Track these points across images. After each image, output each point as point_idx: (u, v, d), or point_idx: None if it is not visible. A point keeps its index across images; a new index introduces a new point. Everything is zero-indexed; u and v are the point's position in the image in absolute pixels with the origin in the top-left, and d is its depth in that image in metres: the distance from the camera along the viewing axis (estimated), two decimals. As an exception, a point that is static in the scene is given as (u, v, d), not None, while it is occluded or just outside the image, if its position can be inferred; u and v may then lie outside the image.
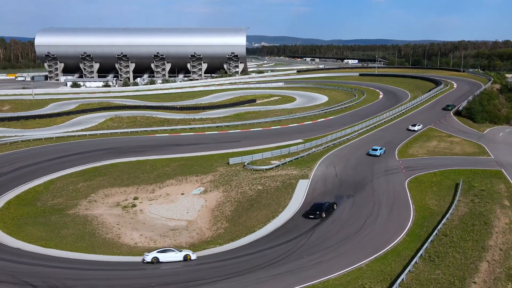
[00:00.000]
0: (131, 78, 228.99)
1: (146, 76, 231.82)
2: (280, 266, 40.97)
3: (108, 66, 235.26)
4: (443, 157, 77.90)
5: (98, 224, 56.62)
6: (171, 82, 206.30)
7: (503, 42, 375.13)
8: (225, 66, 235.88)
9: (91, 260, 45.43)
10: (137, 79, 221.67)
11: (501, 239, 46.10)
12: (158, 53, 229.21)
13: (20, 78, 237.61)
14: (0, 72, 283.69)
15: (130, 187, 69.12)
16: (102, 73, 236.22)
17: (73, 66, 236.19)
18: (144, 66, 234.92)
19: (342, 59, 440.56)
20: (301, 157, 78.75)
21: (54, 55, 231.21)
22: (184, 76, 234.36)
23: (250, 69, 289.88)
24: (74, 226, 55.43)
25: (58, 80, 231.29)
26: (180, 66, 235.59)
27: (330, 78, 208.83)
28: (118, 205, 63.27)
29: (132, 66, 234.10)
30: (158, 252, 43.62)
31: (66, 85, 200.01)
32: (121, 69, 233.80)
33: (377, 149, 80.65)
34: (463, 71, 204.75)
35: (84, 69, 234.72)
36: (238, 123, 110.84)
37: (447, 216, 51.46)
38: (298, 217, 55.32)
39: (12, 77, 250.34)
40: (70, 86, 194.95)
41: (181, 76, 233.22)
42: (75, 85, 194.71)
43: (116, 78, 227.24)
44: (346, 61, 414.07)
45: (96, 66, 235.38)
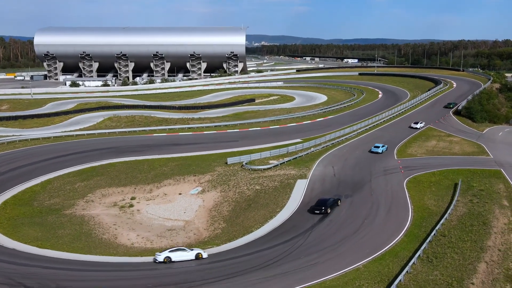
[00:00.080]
0: (130, 78, 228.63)
1: (145, 75, 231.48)
2: (276, 267, 40.66)
3: (107, 66, 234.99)
4: (442, 156, 77.61)
5: (95, 224, 56.33)
6: (170, 82, 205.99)
7: (503, 42, 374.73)
8: (224, 65, 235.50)
9: (87, 260, 45.15)
10: (136, 79, 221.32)
11: (499, 240, 45.79)
12: (157, 52, 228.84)
13: (19, 78, 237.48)
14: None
15: (127, 187, 68.81)
16: (102, 72, 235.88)
17: (72, 65, 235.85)
18: (143, 66, 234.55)
19: (342, 59, 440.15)
20: (299, 156, 78.40)
21: (53, 55, 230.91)
22: (183, 75, 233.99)
23: (249, 68, 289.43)
24: (70, 227, 55.17)
25: (57, 79, 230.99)
26: (179, 65, 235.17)
27: (329, 77, 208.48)
28: (115, 205, 62.99)
29: (131, 65, 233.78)
30: (170, 251, 43.59)
31: (65, 84, 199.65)
32: (120, 68, 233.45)
33: (379, 146, 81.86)
34: (463, 71, 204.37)
35: (83, 68, 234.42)
36: (236, 123, 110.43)
37: (446, 216, 51.14)
38: (296, 217, 55.05)
39: (11, 76, 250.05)
40: (69, 85, 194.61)
41: (180, 75, 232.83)
42: (74, 84, 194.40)
43: (115, 78, 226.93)
44: (346, 60, 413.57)
45: (95, 65, 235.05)
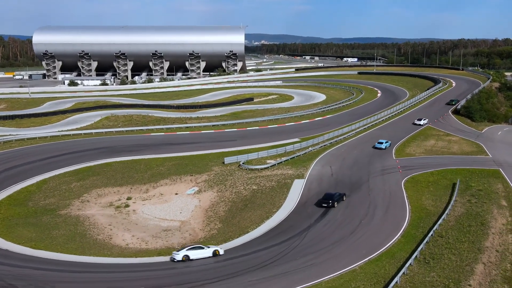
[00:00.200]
0: (129, 77, 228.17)
1: (144, 74, 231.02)
2: (271, 268, 40.20)
3: (106, 65, 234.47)
4: (441, 156, 77.18)
5: (90, 224, 55.84)
6: (169, 81, 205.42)
7: (503, 40, 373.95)
8: (223, 64, 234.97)
9: (81, 262, 44.77)
10: (135, 78, 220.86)
11: (497, 240, 45.34)
12: (156, 51, 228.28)
13: (18, 77, 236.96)
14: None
15: (123, 187, 68.30)
16: (100, 71, 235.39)
17: (71, 64, 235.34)
18: (142, 65, 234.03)
19: (342, 58, 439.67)
20: (297, 156, 77.91)
21: (52, 54, 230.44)
22: (182, 74, 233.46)
23: (249, 67, 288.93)
24: (65, 227, 54.68)
25: (56, 78, 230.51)
26: (178, 64, 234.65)
27: (328, 76, 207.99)
28: (111, 205, 62.47)
29: (130, 64, 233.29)
30: (187, 250, 43.79)
31: (64, 83, 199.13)
32: (119, 67, 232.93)
33: (382, 142, 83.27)
34: (462, 70, 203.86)
35: (82, 67, 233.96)
36: (234, 122, 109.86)
37: (443, 216, 50.73)
38: (293, 217, 54.66)
39: (10, 75, 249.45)
40: (67, 84, 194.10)
41: (179, 74, 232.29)
42: (72, 83, 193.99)
43: (114, 77, 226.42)
44: (345, 59, 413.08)
45: (94, 64, 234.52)
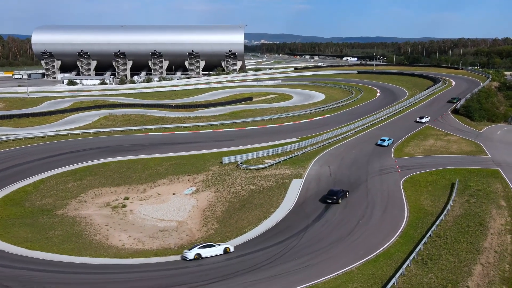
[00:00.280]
0: (129, 76, 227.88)
1: (143, 74, 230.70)
2: (268, 269, 39.84)
3: (105, 64, 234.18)
4: (440, 156, 76.84)
5: (86, 225, 55.49)
6: (168, 80, 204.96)
7: (503, 40, 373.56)
8: (223, 63, 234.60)
9: (76, 262, 44.44)
10: (134, 77, 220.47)
11: (496, 241, 45.01)
12: (155, 50, 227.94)
13: (17, 76, 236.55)
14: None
15: (121, 187, 67.98)
16: (100, 70, 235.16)
17: (70, 63, 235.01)
18: (141, 64, 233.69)
19: (342, 57, 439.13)
20: (295, 156, 77.61)
21: (51, 53, 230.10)
22: (181, 73, 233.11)
23: (249, 66, 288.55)
24: (61, 227, 54.31)
25: (55, 78, 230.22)
26: (177, 63, 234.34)
27: (327, 75, 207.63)
28: (108, 205, 62.13)
29: (129, 63, 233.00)
30: (199, 248, 43.78)
31: (63, 83, 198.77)
32: (118, 66, 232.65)
33: (385, 139, 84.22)
34: (462, 69, 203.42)
35: (81, 66, 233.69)
36: (233, 122, 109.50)
37: (442, 217, 50.42)
38: (290, 217, 54.37)
39: (9, 74, 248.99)
40: (66, 84, 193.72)
41: (178, 73, 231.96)
42: (71, 83, 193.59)
43: (113, 76, 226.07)
44: (345, 58, 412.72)
45: (93, 63, 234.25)
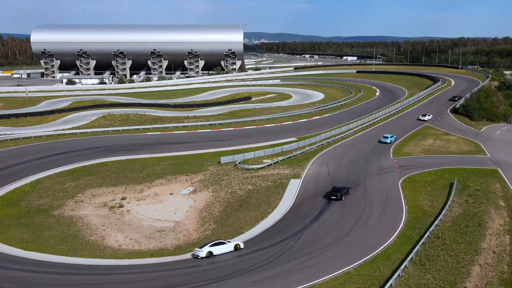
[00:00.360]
0: (128, 75, 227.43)
1: (142, 73, 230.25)
2: (264, 270, 39.50)
3: (104, 63, 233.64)
4: (439, 155, 76.54)
5: (83, 225, 55.18)
6: (167, 79, 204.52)
7: (503, 39, 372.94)
8: (222, 63, 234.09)
9: (72, 263, 44.06)
10: (133, 77, 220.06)
11: (494, 241, 44.71)
12: (155, 50, 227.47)
13: (16, 75, 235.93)
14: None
15: (118, 187, 67.65)
16: (99, 70, 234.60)
17: (69, 63, 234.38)
18: (141, 63, 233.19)
19: (341, 56, 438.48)
20: (294, 156, 77.27)
21: (50, 52, 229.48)
22: (181, 73, 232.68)
23: (248, 66, 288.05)
24: (58, 228, 53.99)
25: (54, 77, 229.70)
26: (177, 63, 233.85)
27: (327, 75, 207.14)
28: (105, 205, 61.82)
29: (128, 63, 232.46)
30: (210, 246, 44.03)
31: (62, 82, 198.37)
32: (117, 66, 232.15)
33: (388, 136, 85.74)
34: (461, 68, 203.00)
35: (80, 66, 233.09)
36: (231, 121, 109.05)
37: (440, 217, 50.12)
38: (288, 218, 54.06)
39: (8, 74, 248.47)
40: (65, 83, 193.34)
41: (178, 73, 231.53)
42: (70, 82, 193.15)
43: (112, 75, 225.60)
44: (345, 58, 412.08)
45: (92, 63, 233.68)
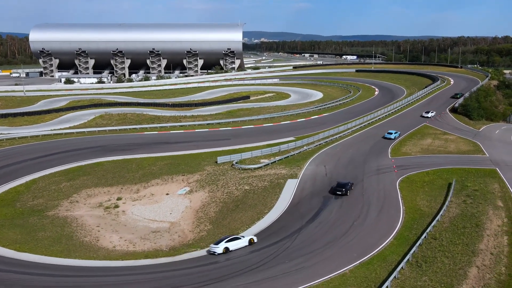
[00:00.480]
0: (127, 74, 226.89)
1: (141, 72, 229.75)
2: (258, 272, 39.06)
3: (103, 62, 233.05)
4: (437, 155, 76.05)
5: (77, 226, 54.69)
6: (166, 79, 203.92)
7: (503, 38, 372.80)
8: (221, 62, 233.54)
9: (65, 265, 43.64)
10: (132, 76, 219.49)
11: (492, 243, 44.21)
12: (153, 49, 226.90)
13: (15, 75, 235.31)
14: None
15: (114, 187, 67.16)
16: (98, 69, 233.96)
17: (68, 62, 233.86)
18: (139, 62, 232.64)
19: (341, 55, 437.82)
20: (291, 155, 76.75)
21: (48, 51, 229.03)
22: (180, 72, 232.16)
23: (248, 65, 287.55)
24: (52, 229, 53.49)
25: (53, 76, 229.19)
26: (176, 62, 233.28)
27: (326, 74, 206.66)
28: (100, 205, 61.34)
29: (127, 62, 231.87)
30: (226, 241, 44.48)
31: (61, 81, 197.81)
32: (116, 65, 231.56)
33: (392, 132, 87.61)
34: (461, 67, 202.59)
35: (79, 65, 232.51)
36: (229, 121, 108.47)
37: (438, 218, 49.59)
38: (284, 218, 53.61)
39: (7, 73, 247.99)
40: (63, 82, 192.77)
41: (177, 72, 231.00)
42: (69, 81, 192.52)
43: (111, 75, 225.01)
44: (344, 57, 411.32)
45: (91, 62, 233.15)
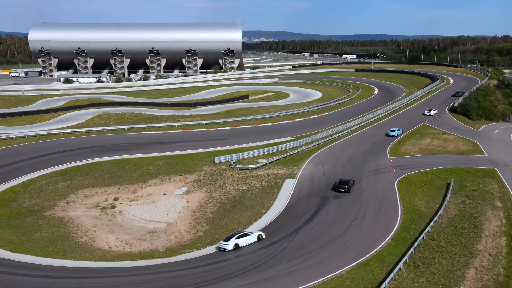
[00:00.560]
0: (126, 74, 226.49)
1: (140, 71, 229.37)
2: (255, 273, 38.77)
3: (102, 62, 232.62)
4: (436, 155, 75.80)
5: (74, 226, 54.33)
6: (165, 78, 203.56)
7: (502, 37, 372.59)
8: (220, 61, 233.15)
9: (60, 266, 43.34)
10: (131, 75, 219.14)
11: (490, 243, 43.93)
12: (153, 48, 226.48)
13: (14, 74, 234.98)
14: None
15: (111, 187, 66.80)
16: (97, 68, 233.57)
17: (67, 61, 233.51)
18: (139, 62, 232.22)
19: (341, 55, 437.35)
20: (289, 155, 76.44)
21: (48, 51, 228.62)
22: (179, 71, 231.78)
23: (248, 64, 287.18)
24: (48, 229, 53.15)
25: (52, 76, 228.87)
26: (175, 61, 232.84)
27: (325, 73, 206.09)
28: (97, 206, 60.98)
29: (127, 61, 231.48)
30: (236, 238, 45.03)
31: (59, 81, 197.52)
32: (115, 64, 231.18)
33: (394, 130, 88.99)
34: (460, 67, 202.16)
35: (78, 64, 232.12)
36: (227, 120, 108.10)
37: (436, 218, 49.37)
38: (281, 219, 53.31)
39: (6, 72, 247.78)
40: (62, 82, 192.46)
41: (176, 71, 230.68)
42: (67, 81, 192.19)
43: (110, 74, 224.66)
44: (344, 56, 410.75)
45: (90, 61, 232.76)
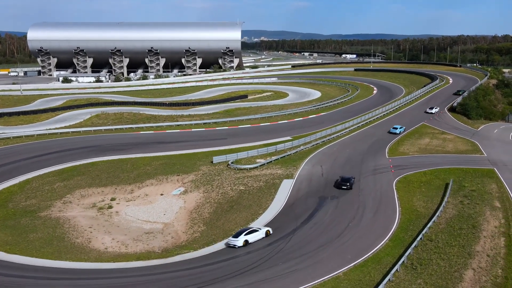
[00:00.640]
0: (125, 73, 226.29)
1: (140, 71, 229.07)
2: (252, 275, 38.45)
3: (102, 61, 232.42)
4: (435, 155, 75.54)
5: (70, 227, 53.97)
6: (164, 78, 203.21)
7: (502, 37, 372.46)
8: (220, 61, 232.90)
9: (55, 267, 42.97)
10: (130, 75, 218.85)
11: (489, 244, 43.61)
12: (152, 48, 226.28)
13: (13, 73, 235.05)
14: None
15: (108, 187, 66.44)
16: (96, 68, 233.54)
17: (66, 61, 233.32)
18: (138, 61, 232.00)
19: (341, 54, 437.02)
20: (287, 155, 76.09)
21: (47, 50, 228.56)
22: (178, 71, 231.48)
23: (247, 64, 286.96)
24: (43, 230, 52.80)
25: (51, 75, 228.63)
26: (174, 61, 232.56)
27: (324, 73, 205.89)
28: (93, 206, 60.60)
29: (126, 61, 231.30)
30: (245, 234, 45.53)
31: (58, 80, 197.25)
32: (115, 64, 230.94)
33: (397, 127, 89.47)
34: (460, 66, 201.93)
35: (77, 64, 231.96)
36: (226, 120, 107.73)
37: (434, 219, 49.08)
38: (279, 219, 52.92)
39: (5, 72, 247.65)
40: (61, 81, 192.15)
41: (175, 71, 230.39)
42: (66, 80, 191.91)
43: (109, 73, 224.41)
44: (344, 56, 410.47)
45: (89, 61, 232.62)
